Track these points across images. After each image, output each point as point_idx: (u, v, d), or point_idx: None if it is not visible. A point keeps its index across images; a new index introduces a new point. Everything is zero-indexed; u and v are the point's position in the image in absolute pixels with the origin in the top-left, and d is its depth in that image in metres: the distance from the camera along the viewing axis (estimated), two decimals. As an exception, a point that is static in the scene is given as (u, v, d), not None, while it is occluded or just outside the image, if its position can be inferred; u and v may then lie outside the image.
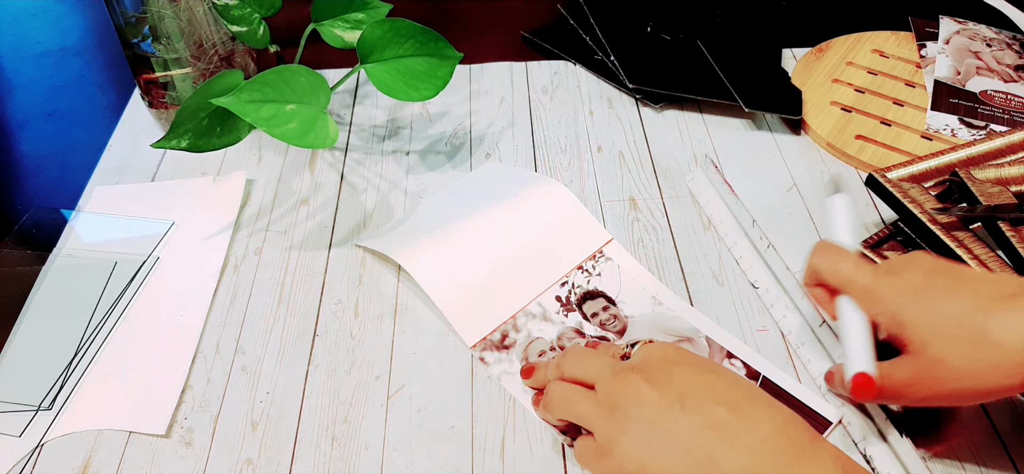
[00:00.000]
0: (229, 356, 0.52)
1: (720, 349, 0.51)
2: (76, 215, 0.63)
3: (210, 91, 0.57)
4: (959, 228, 0.53)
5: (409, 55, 0.62)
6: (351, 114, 0.73)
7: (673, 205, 0.62)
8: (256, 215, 0.62)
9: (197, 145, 0.58)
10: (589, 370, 0.43)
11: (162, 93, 0.69)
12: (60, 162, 0.70)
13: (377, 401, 0.49)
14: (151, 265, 0.58)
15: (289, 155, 0.68)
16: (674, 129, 0.69)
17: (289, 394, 0.50)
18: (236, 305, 0.55)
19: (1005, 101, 0.69)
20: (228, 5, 0.64)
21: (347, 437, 0.47)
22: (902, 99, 0.71)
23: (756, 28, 0.80)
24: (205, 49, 0.67)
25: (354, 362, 0.51)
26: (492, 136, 0.69)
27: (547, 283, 0.55)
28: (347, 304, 0.55)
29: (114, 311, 0.55)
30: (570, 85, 0.75)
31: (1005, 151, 0.59)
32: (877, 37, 0.78)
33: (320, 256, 0.59)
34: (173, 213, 0.62)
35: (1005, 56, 0.74)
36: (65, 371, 0.51)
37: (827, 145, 0.66)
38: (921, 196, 0.55)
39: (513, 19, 0.84)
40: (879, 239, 0.56)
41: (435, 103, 0.74)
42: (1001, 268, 0.50)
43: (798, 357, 0.51)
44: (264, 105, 0.55)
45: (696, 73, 0.73)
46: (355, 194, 0.64)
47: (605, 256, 0.56)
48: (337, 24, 0.67)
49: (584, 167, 0.65)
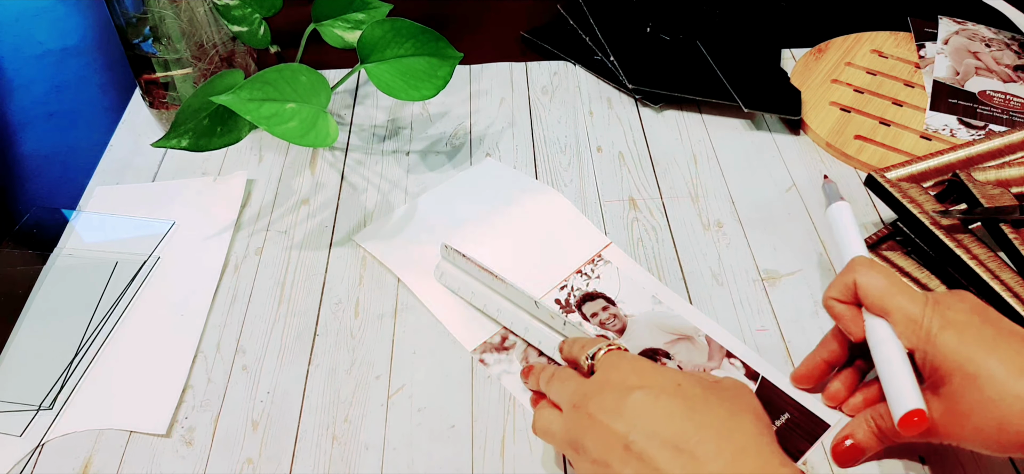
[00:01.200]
0: (230, 356, 0.52)
1: (719, 348, 0.51)
2: (77, 215, 0.63)
3: (211, 90, 0.57)
4: (959, 229, 0.53)
5: (409, 55, 0.62)
6: (351, 114, 0.73)
7: (672, 205, 0.62)
8: (257, 215, 0.63)
9: (198, 144, 0.58)
10: (559, 395, 0.43)
11: (163, 93, 0.69)
12: (61, 162, 0.70)
13: (377, 401, 0.49)
14: (152, 265, 0.58)
15: (290, 155, 0.68)
16: (673, 129, 0.69)
17: (289, 394, 0.50)
18: (237, 305, 0.56)
19: (1004, 101, 0.69)
20: (229, 5, 0.64)
21: (347, 436, 0.47)
22: (901, 99, 0.71)
23: (755, 28, 0.80)
24: (206, 49, 0.67)
25: (354, 361, 0.52)
26: (492, 136, 0.69)
27: (546, 288, 0.55)
28: (347, 304, 0.55)
29: (115, 311, 0.55)
30: (570, 85, 0.75)
31: (1004, 151, 0.59)
32: (876, 37, 0.78)
33: (321, 256, 0.59)
34: (174, 213, 0.62)
35: (1004, 56, 0.74)
36: (66, 371, 0.51)
37: (826, 145, 0.66)
38: (921, 196, 0.55)
39: (513, 19, 0.85)
40: (878, 239, 0.56)
41: (435, 103, 0.74)
42: (1001, 269, 0.50)
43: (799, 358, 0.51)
44: (264, 104, 0.55)
45: (696, 73, 0.73)
46: (355, 194, 0.64)
47: (604, 259, 0.57)
48: (337, 24, 0.67)
49: (584, 167, 0.66)
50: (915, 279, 0.53)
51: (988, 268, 0.50)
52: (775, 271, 0.56)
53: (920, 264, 0.54)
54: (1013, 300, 0.48)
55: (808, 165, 0.65)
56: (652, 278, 0.56)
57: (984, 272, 0.50)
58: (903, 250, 0.55)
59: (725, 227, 0.60)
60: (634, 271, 0.56)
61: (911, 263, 0.54)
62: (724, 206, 0.62)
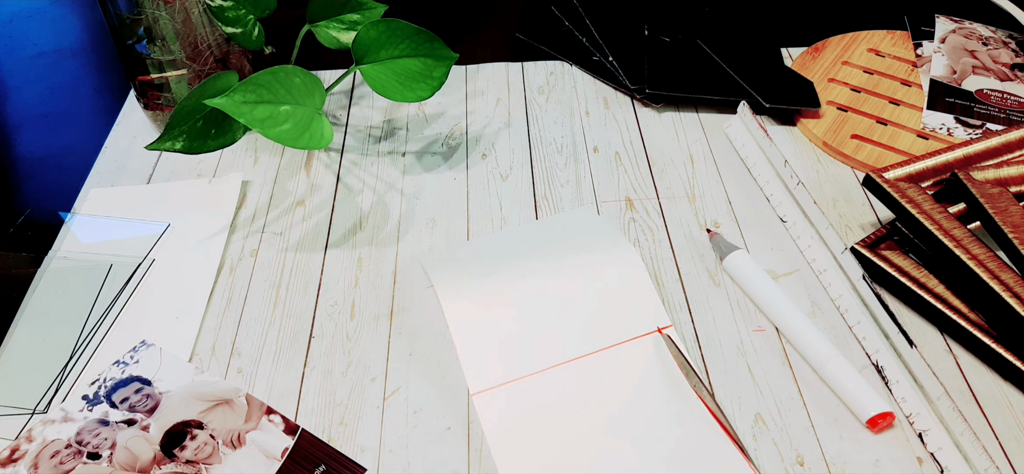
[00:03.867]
0: (225, 358, 0.52)
1: (259, 406, 0.48)
2: (72, 217, 0.63)
3: (205, 92, 0.57)
4: (958, 228, 0.52)
5: (404, 56, 0.62)
6: (347, 115, 0.72)
7: (669, 206, 0.62)
8: (252, 217, 0.62)
9: (192, 147, 0.58)
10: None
11: (158, 95, 0.68)
12: (56, 164, 0.70)
13: (373, 403, 0.49)
14: (147, 267, 0.58)
15: (285, 157, 0.68)
16: (670, 129, 0.69)
17: (285, 396, 0.50)
18: (232, 307, 0.55)
19: (1001, 100, 0.69)
20: (223, 6, 0.64)
21: (343, 439, 0.47)
22: (898, 98, 0.71)
23: (752, 25, 0.80)
24: (200, 51, 0.66)
25: (350, 364, 0.51)
26: (488, 137, 0.69)
27: (577, 354, 0.51)
28: (343, 306, 0.55)
29: (110, 313, 0.55)
30: (566, 85, 0.75)
31: (1002, 150, 0.59)
32: (873, 36, 0.78)
33: (316, 258, 0.59)
34: (169, 215, 0.62)
35: (1001, 55, 0.74)
36: (60, 374, 0.51)
37: (823, 145, 0.66)
38: (919, 196, 0.55)
39: (509, 20, 0.84)
40: (876, 239, 0.56)
41: (431, 104, 0.73)
42: (1001, 269, 0.50)
43: (795, 351, 0.51)
44: (258, 106, 0.55)
45: (704, 73, 0.73)
46: (351, 195, 0.64)
47: (145, 343, 0.52)
48: (332, 25, 0.67)
49: (580, 168, 0.65)
50: (914, 279, 0.53)
51: (988, 268, 0.50)
52: (772, 271, 0.56)
53: (918, 264, 0.54)
54: (1013, 300, 0.48)
55: (806, 165, 0.65)
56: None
57: (984, 272, 0.50)
58: (901, 250, 0.55)
59: (722, 228, 0.60)
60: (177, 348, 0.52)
61: (909, 263, 0.54)
62: (721, 206, 0.61)
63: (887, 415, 0.46)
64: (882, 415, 0.46)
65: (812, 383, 0.49)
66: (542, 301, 0.53)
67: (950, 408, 0.45)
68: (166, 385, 0.50)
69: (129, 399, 0.49)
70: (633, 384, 0.49)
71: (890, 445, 0.46)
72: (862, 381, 0.47)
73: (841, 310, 0.53)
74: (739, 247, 0.56)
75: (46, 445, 0.47)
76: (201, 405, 0.49)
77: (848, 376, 0.48)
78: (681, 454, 0.46)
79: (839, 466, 0.45)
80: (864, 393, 0.47)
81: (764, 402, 0.48)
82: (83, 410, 0.49)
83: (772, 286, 0.53)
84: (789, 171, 0.60)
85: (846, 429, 0.47)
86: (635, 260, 0.55)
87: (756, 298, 0.53)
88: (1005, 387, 0.49)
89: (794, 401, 0.48)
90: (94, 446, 0.47)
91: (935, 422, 0.46)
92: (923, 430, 0.46)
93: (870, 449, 0.46)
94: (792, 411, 0.48)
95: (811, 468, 0.45)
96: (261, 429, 0.47)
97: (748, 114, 0.66)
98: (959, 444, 0.45)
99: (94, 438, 0.47)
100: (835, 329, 0.52)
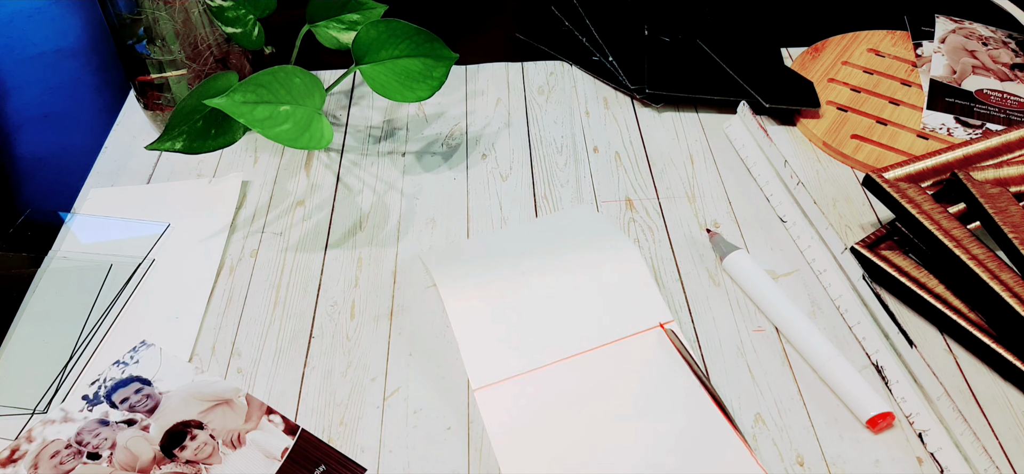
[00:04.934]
0: (225, 358, 0.52)
1: (259, 406, 0.48)
2: (72, 217, 0.63)
3: (205, 93, 0.57)
4: (958, 228, 0.52)
5: (404, 56, 0.62)
6: (347, 115, 0.72)
7: (669, 206, 0.62)
8: (252, 217, 0.62)
9: (192, 147, 0.58)
10: None
11: (158, 95, 0.69)
12: (56, 164, 0.70)
13: (373, 403, 0.49)
14: (147, 267, 0.58)
15: (285, 157, 0.68)
16: (670, 129, 0.69)
17: (285, 396, 0.50)
18: (232, 307, 0.55)
19: (1001, 100, 0.69)
20: (222, 6, 0.64)
21: (343, 439, 0.47)
22: (898, 98, 0.71)
23: (752, 26, 0.80)
24: (200, 51, 0.66)
25: (350, 364, 0.51)
26: (488, 137, 0.69)
27: (579, 349, 0.51)
28: (343, 306, 0.55)
29: (109, 313, 0.55)
30: (566, 85, 0.75)
31: (1002, 150, 0.59)
32: (873, 36, 0.78)
33: (316, 258, 0.59)
34: (169, 215, 0.62)
35: (1001, 55, 0.74)
36: (60, 374, 0.51)
37: (823, 145, 0.66)
38: (919, 196, 0.55)
39: (509, 20, 0.84)
40: (875, 239, 0.56)
41: (431, 104, 0.73)
42: (1001, 269, 0.50)
43: (795, 351, 0.51)
44: (258, 106, 0.55)
45: (704, 73, 0.73)
46: (351, 195, 0.64)
47: (145, 344, 0.52)
48: (332, 25, 0.67)
49: (580, 168, 0.65)
50: (914, 279, 0.53)
51: (987, 268, 0.50)
52: (772, 271, 0.56)
53: (918, 264, 0.54)
54: (1013, 300, 0.48)
55: (805, 165, 0.65)
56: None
57: (983, 272, 0.50)
58: (901, 250, 0.55)
59: (722, 228, 0.60)
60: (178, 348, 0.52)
61: (909, 263, 0.54)
62: (721, 206, 0.61)
63: (887, 415, 0.46)
64: (882, 415, 0.46)
65: (812, 383, 0.49)
66: (544, 297, 0.53)
67: (950, 408, 0.45)
68: (166, 385, 0.50)
69: (129, 399, 0.49)
70: (636, 379, 0.49)
71: (890, 445, 0.46)
72: (862, 381, 0.47)
73: (841, 310, 0.53)
74: (739, 247, 0.56)
75: (46, 445, 0.47)
76: (201, 405, 0.49)
77: (848, 376, 0.48)
78: (684, 447, 0.46)
79: (839, 466, 0.45)
80: (864, 393, 0.47)
81: (764, 402, 0.48)
82: (83, 410, 0.49)
83: (772, 286, 0.53)
84: (789, 171, 0.60)
85: (846, 429, 0.47)
86: (635, 257, 0.55)
87: (756, 298, 0.53)
88: (1005, 387, 0.49)
89: (794, 401, 0.48)
90: (94, 446, 0.47)
91: (935, 422, 0.46)
92: (923, 430, 0.46)
93: (870, 449, 0.46)
94: (792, 411, 0.48)
95: (811, 468, 0.45)
96: (261, 429, 0.47)
97: (748, 114, 0.66)
98: (959, 444, 0.45)
99: (94, 438, 0.47)
100: (835, 329, 0.52)
